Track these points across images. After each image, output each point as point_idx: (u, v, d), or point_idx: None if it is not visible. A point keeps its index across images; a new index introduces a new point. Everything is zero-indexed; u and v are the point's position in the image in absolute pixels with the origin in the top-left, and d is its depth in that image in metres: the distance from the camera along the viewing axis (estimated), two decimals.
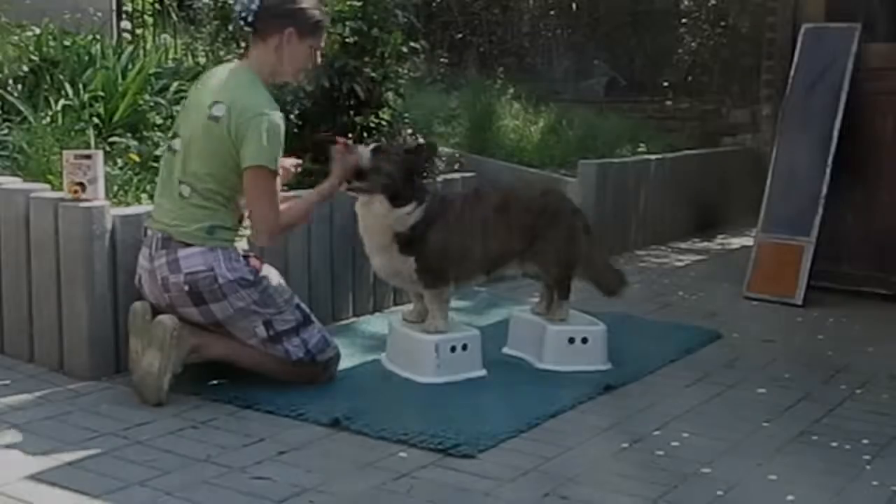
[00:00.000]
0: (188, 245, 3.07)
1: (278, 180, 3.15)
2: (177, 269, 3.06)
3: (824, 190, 4.74)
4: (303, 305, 3.25)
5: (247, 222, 3.20)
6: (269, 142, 3.05)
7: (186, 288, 3.05)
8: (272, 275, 3.20)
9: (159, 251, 3.10)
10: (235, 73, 3.22)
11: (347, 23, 4.50)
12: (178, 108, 4.55)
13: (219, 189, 3.10)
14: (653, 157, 6.42)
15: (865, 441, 2.92)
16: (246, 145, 3.04)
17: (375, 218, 3.30)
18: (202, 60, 5.48)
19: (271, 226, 3.13)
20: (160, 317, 3.05)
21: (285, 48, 3.18)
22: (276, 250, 3.68)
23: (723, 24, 8.66)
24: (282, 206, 3.17)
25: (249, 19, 3.18)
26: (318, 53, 3.34)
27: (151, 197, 3.78)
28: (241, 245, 3.19)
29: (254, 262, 3.18)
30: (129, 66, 4.82)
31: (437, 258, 3.33)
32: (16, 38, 5.02)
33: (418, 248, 3.31)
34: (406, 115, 4.95)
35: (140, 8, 6.79)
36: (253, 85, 3.15)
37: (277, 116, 3.10)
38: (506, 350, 3.71)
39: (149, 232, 3.18)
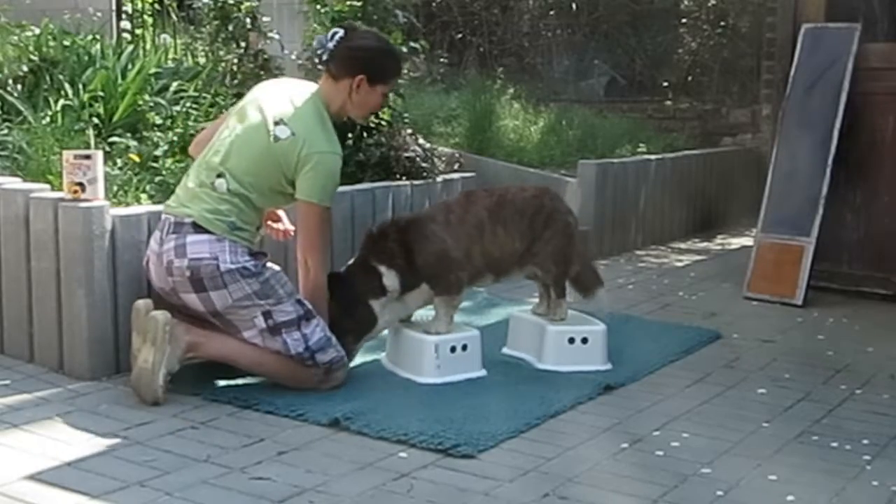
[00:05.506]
0: (199, 232, 3.09)
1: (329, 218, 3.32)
2: (182, 254, 3.08)
3: (824, 190, 4.73)
4: (304, 301, 3.22)
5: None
6: (328, 181, 3.19)
7: (188, 273, 3.07)
8: (275, 268, 3.22)
9: (169, 235, 3.13)
10: (307, 98, 3.28)
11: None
12: (177, 108, 4.57)
13: (253, 198, 3.18)
14: (653, 157, 6.41)
15: (865, 441, 2.92)
16: (304, 178, 3.15)
17: None
18: (202, 60, 5.48)
19: (313, 256, 3.22)
20: (153, 312, 3.05)
21: (355, 93, 3.28)
22: (276, 250, 3.67)
23: (723, 24, 8.64)
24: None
25: (325, 58, 3.30)
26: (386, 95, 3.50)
27: (151, 197, 3.79)
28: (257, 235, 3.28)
29: (259, 257, 3.20)
30: (129, 66, 4.82)
31: (436, 272, 3.38)
32: (16, 38, 5.03)
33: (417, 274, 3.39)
34: (406, 115, 4.95)
35: (140, 8, 6.78)
36: (321, 119, 3.25)
37: (339, 160, 3.24)
38: (505, 350, 3.71)
39: (163, 216, 3.22)
